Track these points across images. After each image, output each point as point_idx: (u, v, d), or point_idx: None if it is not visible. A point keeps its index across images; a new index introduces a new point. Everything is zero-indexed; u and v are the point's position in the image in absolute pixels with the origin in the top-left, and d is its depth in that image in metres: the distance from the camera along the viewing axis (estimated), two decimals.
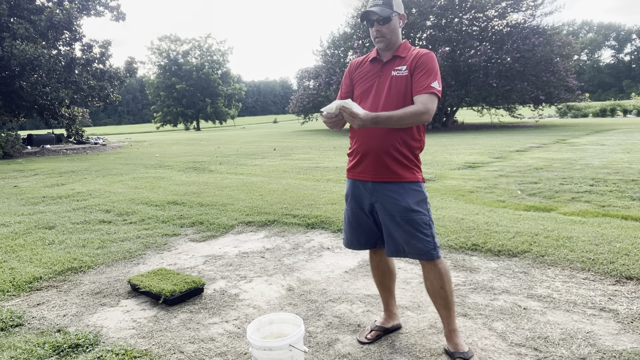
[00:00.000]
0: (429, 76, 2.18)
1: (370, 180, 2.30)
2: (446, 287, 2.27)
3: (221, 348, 2.44)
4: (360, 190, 2.36)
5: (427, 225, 2.23)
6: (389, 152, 2.23)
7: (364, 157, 2.30)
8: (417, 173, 2.29)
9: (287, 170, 9.41)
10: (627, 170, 7.59)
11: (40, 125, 34.08)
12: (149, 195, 6.75)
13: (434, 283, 2.28)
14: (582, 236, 3.95)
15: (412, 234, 2.21)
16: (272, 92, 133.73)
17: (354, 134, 2.36)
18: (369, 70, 2.36)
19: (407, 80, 2.22)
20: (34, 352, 2.38)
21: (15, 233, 4.85)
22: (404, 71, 2.24)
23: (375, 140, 2.25)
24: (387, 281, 2.57)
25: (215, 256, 4.01)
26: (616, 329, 2.46)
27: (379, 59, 2.35)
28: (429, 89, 2.15)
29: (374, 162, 2.26)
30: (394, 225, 2.24)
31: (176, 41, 53.26)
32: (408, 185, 2.24)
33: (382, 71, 2.30)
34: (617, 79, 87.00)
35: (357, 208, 2.39)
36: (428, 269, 2.28)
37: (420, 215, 2.22)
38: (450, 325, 2.31)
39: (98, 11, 19.70)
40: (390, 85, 2.25)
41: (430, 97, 2.15)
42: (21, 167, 11.83)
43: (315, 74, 27.08)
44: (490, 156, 10.50)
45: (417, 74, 2.20)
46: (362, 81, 2.37)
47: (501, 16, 23.15)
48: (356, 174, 2.37)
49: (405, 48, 2.31)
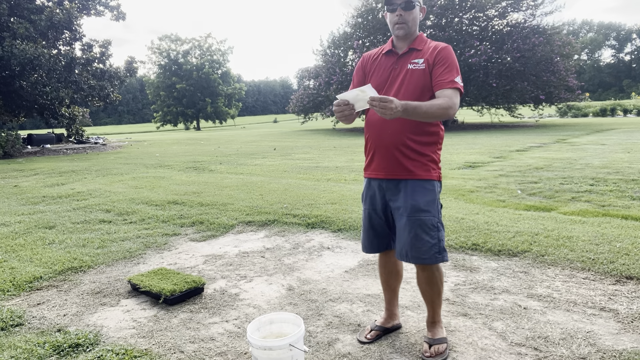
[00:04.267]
0: (451, 71, 2.12)
1: (384, 178, 2.25)
2: (435, 289, 2.32)
3: (221, 348, 2.44)
4: (374, 190, 2.31)
5: (435, 227, 2.17)
6: (400, 149, 2.17)
7: (376, 154, 2.26)
8: (432, 170, 2.21)
9: (287, 170, 9.41)
10: (627, 169, 7.58)
11: (41, 125, 34.12)
12: (149, 195, 6.75)
13: (425, 288, 2.34)
14: (582, 236, 3.95)
15: (417, 236, 2.16)
16: (272, 92, 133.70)
17: (367, 130, 2.31)
18: (383, 63, 2.29)
19: (425, 74, 2.15)
20: (34, 351, 2.38)
21: (16, 233, 4.85)
22: (421, 64, 2.16)
23: (388, 137, 2.19)
24: (392, 282, 2.54)
25: (216, 256, 4.01)
26: (616, 329, 2.46)
27: (394, 51, 2.27)
28: (452, 83, 2.10)
29: (386, 159, 2.21)
30: (402, 225, 2.20)
31: (176, 41, 53.25)
32: (420, 183, 2.18)
33: (398, 64, 2.23)
34: (617, 78, 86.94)
35: (371, 209, 2.35)
36: (422, 269, 2.28)
37: (429, 216, 2.16)
38: (434, 318, 2.37)
39: (98, 11, 19.68)
40: (406, 78, 2.18)
41: (455, 92, 2.10)
42: (21, 167, 11.83)
43: (315, 74, 27.07)
44: (491, 156, 10.50)
45: (439, 69, 2.13)
46: (375, 74, 2.28)
47: (501, 16, 23.15)
48: (370, 172, 2.33)
49: (421, 41, 2.23)
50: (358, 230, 4.51)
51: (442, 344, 2.27)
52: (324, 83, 25.08)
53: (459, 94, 2.12)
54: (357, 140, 18.09)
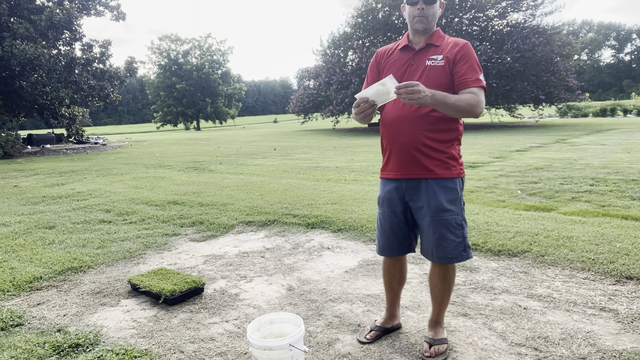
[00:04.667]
0: (474, 69, 2.07)
1: (402, 178, 2.18)
2: (446, 287, 2.30)
3: (221, 348, 2.44)
4: (392, 191, 2.24)
5: (459, 225, 2.14)
6: (418, 147, 2.11)
7: (393, 154, 2.20)
8: (453, 168, 2.15)
9: (287, 170, 9.41)
10: (627, 170, 7.58)
11: (41, 125, 34.12)
12: (149, 195, 6.75)
13: (437, 283, 2.31)
14: (582, 236, 3.95)
15: (442, 236, 2.12)
16: (272, 92, 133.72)
17: (383, 130, 2.25)
18: (399, 58, 2.21)
19: (445, 71, 2.09)
20: (34, 351, 2.38)
21: (16, 233, 4.85)
22: (440, 61, 2.10)
23: (404, 135, 2.12)
24: (395, 285, 2.51)
25: (216, 256, 4.01)
26: (616, 329, 2.46)
27: (411, 46, 2.20)
28: (478, 82, 2.05)
29: (404, 159, 2.15)
30: (425, 225, 2.16)
31: (176, 41, 53.29)
32: (441, 182, 2.12)
33: (414, 60, 2.16)
34: (617, 78, 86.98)
35: (389, 211, 2.27)
36: (438, 268, 2.26)
37: (453, 215, 2.12)
38: (439, 317, 2.36)
39: (98, 11, 19.69)
40: (424, 75, 2.11)
41: (480, 90, 2.05)
42: (21, 167, 11.83)
43: (315, 74, 27.08)
44: (491, 156, 10.50)
45: (462, 66, 2.07)
46: (391, 70, 2.20)
47: (501, 16, 23.16)
48: (387, 172, 2.26)
49: (439, 36, 2.18)
50: (358, 230, 4.51)
51: (443, 345, 2.27)
52: (324, 83, 25.09)
53: (483, 92, 2.07)
54: (357, 140, 18.10)
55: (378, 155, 11.58)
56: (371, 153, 12.40)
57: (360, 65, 22.11)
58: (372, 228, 4.50)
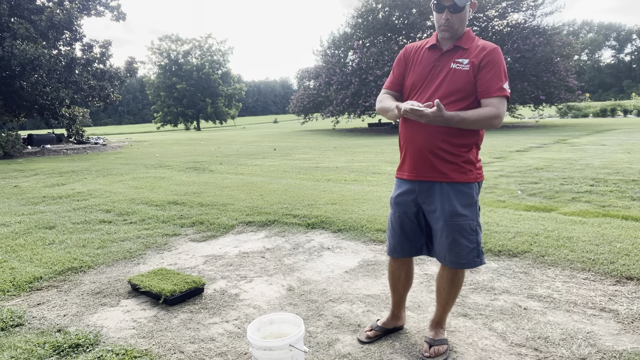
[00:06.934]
0: (500, 77, 2.01)
1: (416, 180, 2.16)
2: (453, 290, 2.30)
3: (221, 348, 2.44)
4: (406, 192, 2.21)
5: (474, 230, 2.11)
6: (434, 151, 2.07)
7: (408, 155, 2.17)
8: (469, 172, 2.10)
9: (287, 170, 9.41)
10: (628, 170, 7.58)
11: (41, 125, 34.14)
12: (149, 195, 6.75)
13: (444, 286, 2.30)
14: (582, 236, 3.95)
15: (455, 241, 2.09)
16: (273, 92, 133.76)
17: (401, 130, 2.22)
18: (425, 58, 2.16)
19: (469, 76, 2.04)
20: (34, 352, 2.38)
21: (16, 233, 4.85)
22: (465, 65, 2.04)
23: (421, 138, 2.09)
24: (400, 287, 2.49)
25: (216, 256, 4.01)
26: (616, 329, 2.46)
27: (438, 46, 2.15)
28: (501, 91, 2.00)
29: (420, 161, 2.12)
30: (438, 229, 2.14)
31: (177, 41, 53.29)
32: (456, 186, 2.08)
33: (440, 61, 2.11)
34: (617, 79, 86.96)
35: (401, 212, 2.25)
36: (448, 271, 2.24)
37: (468, 220, 2.09)
38: (441, 319, 2.36)
39: (98, 11, 19.68)
40: (447, 78, 2.06)
41: (502, 100, 2.00)
42: (21, 167, 11.83)
43: (315, 74, 27.07)
44: (491, 156, 10.50)
45: (487, 73, 2.02)
46: (416, 69, 2.17)
47: (501, 16, 23.18)
48: (402, 172, 2.24)
49: (468, 38, 2.12)
50: (358, 230, 4.51)
51: (443, 345, 2.27)
52: (324, 83, 25.09)
53: (506, 101, 2.02)
54: (358, 140, 18.10)
55: (378, 155, 11.58)
56: (371, 153, 12.40)
57: (361, 65, 22.11)
58: (372, 228, 4.50)
